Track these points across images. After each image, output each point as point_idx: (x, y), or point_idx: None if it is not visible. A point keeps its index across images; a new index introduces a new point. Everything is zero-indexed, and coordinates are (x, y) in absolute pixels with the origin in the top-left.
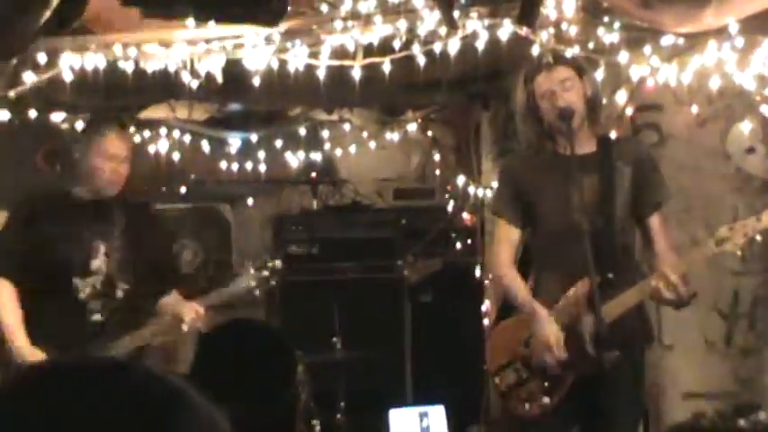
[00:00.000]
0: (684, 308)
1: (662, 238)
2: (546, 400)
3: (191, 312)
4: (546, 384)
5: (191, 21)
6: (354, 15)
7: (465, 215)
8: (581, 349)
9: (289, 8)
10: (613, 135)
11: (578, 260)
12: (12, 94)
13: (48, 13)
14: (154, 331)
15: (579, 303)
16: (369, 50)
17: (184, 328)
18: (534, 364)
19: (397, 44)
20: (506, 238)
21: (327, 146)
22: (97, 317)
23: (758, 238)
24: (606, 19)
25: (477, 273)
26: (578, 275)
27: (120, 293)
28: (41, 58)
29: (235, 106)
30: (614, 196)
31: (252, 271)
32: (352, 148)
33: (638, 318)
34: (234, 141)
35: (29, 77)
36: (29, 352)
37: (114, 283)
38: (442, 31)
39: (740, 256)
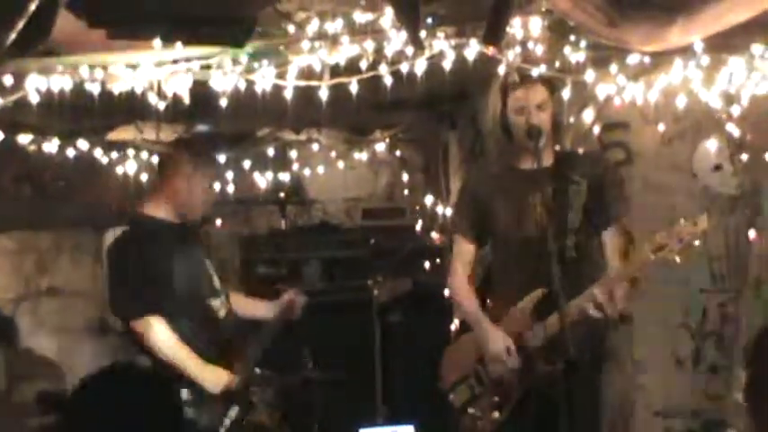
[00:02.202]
0: (617, 324)
1: (614, 254)
2: (496, 414)
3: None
4: (495, 399)
5: (157, 42)
6: (321, 36)
7: (433, 234)
8: (528, 362)
9: (256, 29)
10: (580, 151)
11: (530, 273)
12: None
13: (13, 35)
14: None
15: (526, 315)
16: (336, 71)
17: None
18: (490, 378)
19: (364, 64)
20: (462, 255)
21: (296, 166)
22: (228, 333)
23: (696, 242)
24: (572, 38)
25: (446, 292)
26: (529, 288)
27: (233, 308)
28: (7, 80)
29: (202, 127)
30: (567, 210)
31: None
32: (321, 168)
33: (589, 333)
34: None
35: None
36: (220, 379)
37: (228, 299)
38: (409, 51)
39: (709, 274)
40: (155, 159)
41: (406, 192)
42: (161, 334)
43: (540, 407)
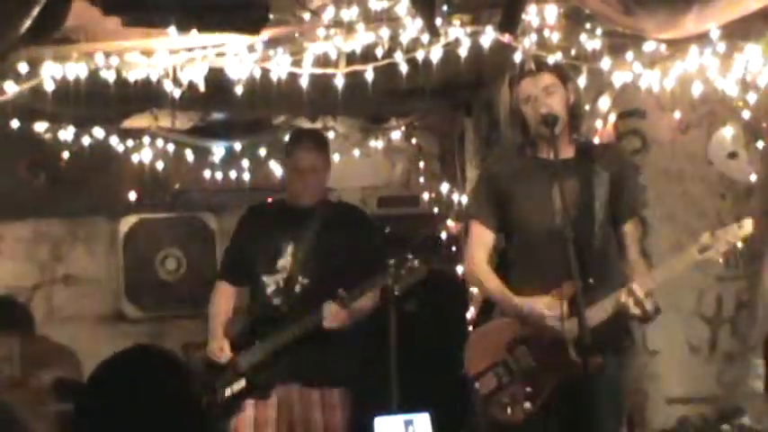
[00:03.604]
0: (653, 319)
1: (634, 246)
2: (528, 405)
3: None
4: (528, 389)
5: (172, 29)
6: (337, 23)
7: (449, 222)
8: (563, 354)
9: (271, 16)
10: (596, 141)
11: (557, 265)
12: None
13: (28, 22)
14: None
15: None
16: (351, 58)
17: (324, 324)
18: (520, 368)
19: (379, 52)
20: (481, 241)
21: None
22: (279, 309)
23: (739, 245)
24: (588, 26)
25: (462, 280)
26: (556, 280)
27: (297, 288)
28: (23, 67)
29: (218, 115)
30: (593, 201)
31: (391, 269)
32: (336, 156)
33: (616, 320)
34: (217, 150)
35: (10, 87)
36: (212, 345)
37: (295, 279)
38: (425, 38)
39: (723, 261)
40: (170, 147)
41: (421, 180)
42: (213, 297)
43: (570, 398)
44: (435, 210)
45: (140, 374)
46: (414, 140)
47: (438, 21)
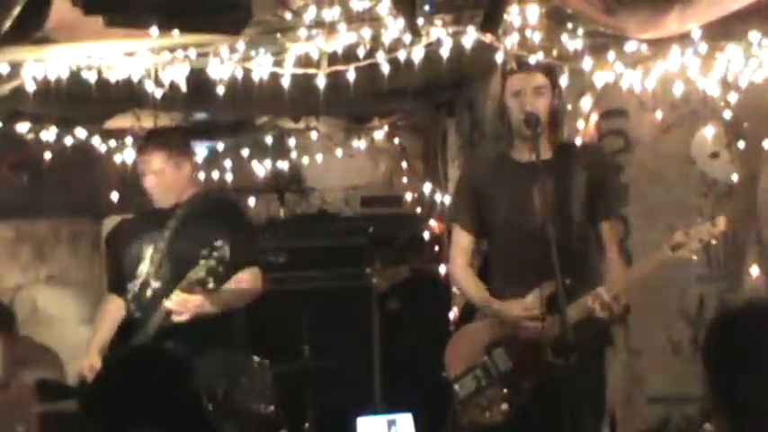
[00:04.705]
0: (622, 320)
1: (612, 246)
2: (505, 406)
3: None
4: (505, 391)
5: (154, 30)
6: (318, 23)
7: (432, 222)
8: (541, 356)
9: (252, 16)
10: (578, 141)
11: (537, 265)
12: None
13: (8, 23)
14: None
15: (536, 308)
16: (333, 58)
17: (174, 319)
18: (498, 370)
19: (361, 52)
20: (460, 244)
21: (294, 154)
22: (136, 315)
23: (713, 242)
24: (570, 25)
25: (445, 280)
26: (534, 281)
27: (149, 293)
28: (3, 68)
29: (200, 115)
30: (571, 202)
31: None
32: (319, 156)
33: (589, 323)
34: (200, 150)
35: None
36: (83, 361)
37: (148, 283)
38: (407, 38)
39: (706, 261)
40: None
41: (404, 179)
42: (100, 311)
43: (547, 399)
44: (418, 209)
45: (145, 375)
46: (396, 140)
47: (420, 21)
